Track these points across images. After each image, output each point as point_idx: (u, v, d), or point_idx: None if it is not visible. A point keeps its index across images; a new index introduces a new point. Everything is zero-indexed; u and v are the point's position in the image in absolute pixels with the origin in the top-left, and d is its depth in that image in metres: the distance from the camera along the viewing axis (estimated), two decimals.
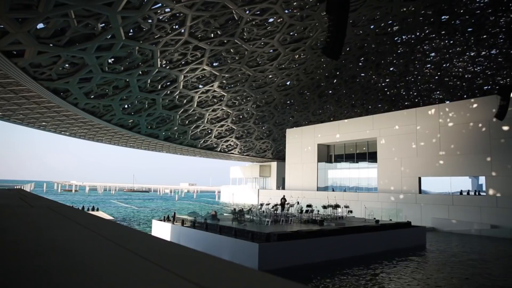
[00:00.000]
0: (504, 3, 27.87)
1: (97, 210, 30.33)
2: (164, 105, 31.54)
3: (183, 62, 26.90)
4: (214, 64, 29.37)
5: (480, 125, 26.95)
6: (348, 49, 33.32)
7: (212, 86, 32.01)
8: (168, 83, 29.17)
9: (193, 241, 16.77)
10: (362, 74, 40.72)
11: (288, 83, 37.28)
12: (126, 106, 29.11)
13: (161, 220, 20.17)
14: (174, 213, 20.51)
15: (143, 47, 22.35)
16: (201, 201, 69.21)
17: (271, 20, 26.14)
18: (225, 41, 25.98)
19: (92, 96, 25.02)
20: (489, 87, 41.09)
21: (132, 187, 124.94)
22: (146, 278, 1.28)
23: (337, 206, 21.67)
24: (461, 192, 28.30)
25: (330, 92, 42.45)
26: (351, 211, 22.74)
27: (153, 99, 29.83)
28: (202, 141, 41.75)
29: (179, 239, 17.81)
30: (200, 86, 31.85)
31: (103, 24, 18.81)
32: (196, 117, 36.73)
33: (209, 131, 40.81)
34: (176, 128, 36.13)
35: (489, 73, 39.82)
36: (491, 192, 25.70)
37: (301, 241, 14.58)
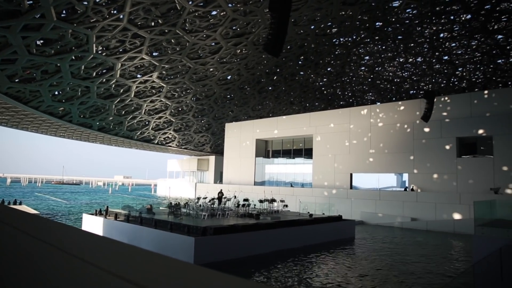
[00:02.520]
0: (429, 16, 30.18)
1: (20, 204, 28.10)
2: (99, 93, 29.99)
3: (121, 50, 25.75)
4: (154, 53, 28.49)
5: (405, 126, 29.06)
6: (289, 47, 34.06)
7: (151, 76, 31.03)
8: (104, 71, 27.77)
9: (126, 235, 16.23)
10: (301, 73, 41.89)
11: (229, 77, 37.26)
12: (56, 92, 27.23)
13: (92, 215, 19.24)
14: (107, 207, 19.69)
15: (77, 31, 21.02)
16: (136, 194, 66.98)
17: (214, 12, 25.90)
18: (166, 30, 25.29)
19: (16, 80, 23.05)
20: (415, 91, 44.37)
21: (61, 179, 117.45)
22: (73, 277, 1.23)
23: (273, 200, 22.17)
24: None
25: (270, 88, 43.16)
26: (286, 205, 23.39)
27: (87, 87, 28.23)
28: (138, 133, 40.37)
29: (111, 234, 17.13)
30: (139, 76, 30.73)
31: (31, 1, 17.39)
32: (133, 108, 35.40)
33: (147, 123, 39.57)
34: (111, 118, 34.55)
35: (415, 78, 42.99)
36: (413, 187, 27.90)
37: (238, 235, 14.75)
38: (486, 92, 26.99)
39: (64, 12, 19.53)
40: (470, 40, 33.34)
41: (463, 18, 30.41)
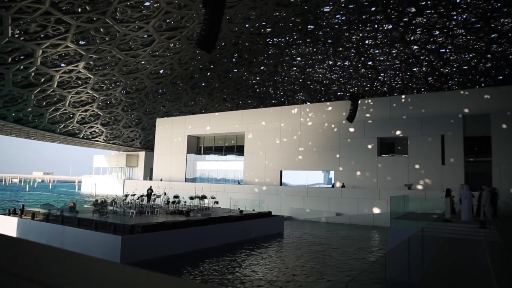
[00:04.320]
0: (356, 24, 32.09)
1: None
2: (15, 81, 27.53)
3: (42, 35, 23.87)
4: (81, 42, 26.82)
5: (333, 125, 30.63)
6: (223, 44, 34.07)
7: (76, 66, 29.17)
8: (22, 57, 25.55)
9: (46, 236, 15.16)
10: (235, 70, 42.15)
11: (161, 71, 36.29)
12: None
13: (4, 214, 17.67)
14: (23, 206, 18.22)
15: None
16: (58, 192, 62.58)
17: (147, 3, 25.04)
18: (94, 18, 23.92)
19: None
20: (342, 93, 46.89)
21: None
22: None
23: (204, 197, 22.11)
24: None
25: (203, 84, 42.82)
26: (217, 202, 23.48)
27: (1, 74, 25.77)
28: (62, 126, 37.75)
29: (28, 235, 15.91)
30: (63, 65, 28.71)
31: None
32: (55, 99, 33.00)
33: (71, 115, 37.15)
34: (30, 109, 31.89)
35: (342, 81, 45.43)
36: (338, 184, 29.55)
37: (167, 232, 14.54)
38: (403, 96, 29.43)
39: None
40: (391, 49, 36.04)
41: (385, 28, 32.75)
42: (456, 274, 8.06)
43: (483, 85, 38.48)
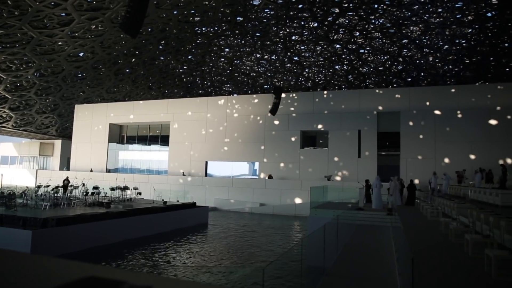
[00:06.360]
0: (284, 19, 32.95)
1: None
2: None
3: None
4: None
5: (258, 118, 31.25)
6: (149, 30, 32.78)
7: None
8: None
9: None
10: (162, 58, 40.88)
11: (81, 54, 33.89)
12: None
13: None
14: None
15: None
16: None
17: None
18: None
19: None
20: (268, 86, 47.91)
21: None
22: None
23: (126, 188, 21.33)
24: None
25: (128, 71, 40.90)
26: (140, 193, 22.80)
27: None
28: None
29: None
30: None
31: None
32: None
33: None
34: None
35: (269, 74, 46.44)
36: (262, 175, 30.32)
37: (85, 225, 13.83)
38: (325, 92, 31.02)
39: None
40: (316, 46, 37.66)
41: (311, 25, 34.09)
42: (365, 257, 8.83)
43: (395, 85, 42.01)
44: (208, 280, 10.43)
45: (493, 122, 25.00)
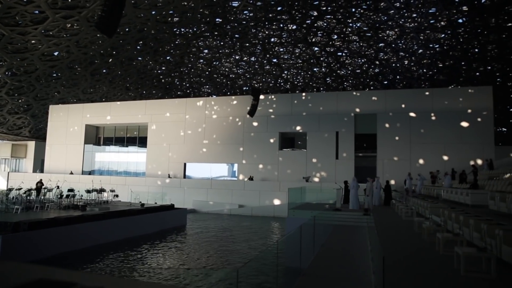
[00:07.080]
0: (263, 21, 33.09)
1: None
2: None
3: None
4: None
5: (237, 119, 31.24)
6: (127, 29, 32.29)
7: None
8: None
9: None
10: (139, 58, 40.33)
11: (56, 53, 33.06)
12: None
13: None
14: None
15: None
16: None
17: None
18: None
19: None
20: (247, 88, 47.96)
21: None
22: None
23: (102, 190, 20.95)
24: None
25: (104, 71, 40.15)
26: (117, 195, 22.43)
27: None
28: None
29: None
30: None
31: None
32: None
33: None
34: None
35: (248, 76, 46.50)
36: (241, 177, 30.31)
37: (60, 229, 13.50)
38: (304, 94, 31.29)
39: None
40: (295, 48, 37.96)
41: (290, 28, 34.35)
42: (342, 257, 8.96)
43: (372, 88, 42.78)
44: (184, 282, 10.36)
45: (464, 124, 25.80)
